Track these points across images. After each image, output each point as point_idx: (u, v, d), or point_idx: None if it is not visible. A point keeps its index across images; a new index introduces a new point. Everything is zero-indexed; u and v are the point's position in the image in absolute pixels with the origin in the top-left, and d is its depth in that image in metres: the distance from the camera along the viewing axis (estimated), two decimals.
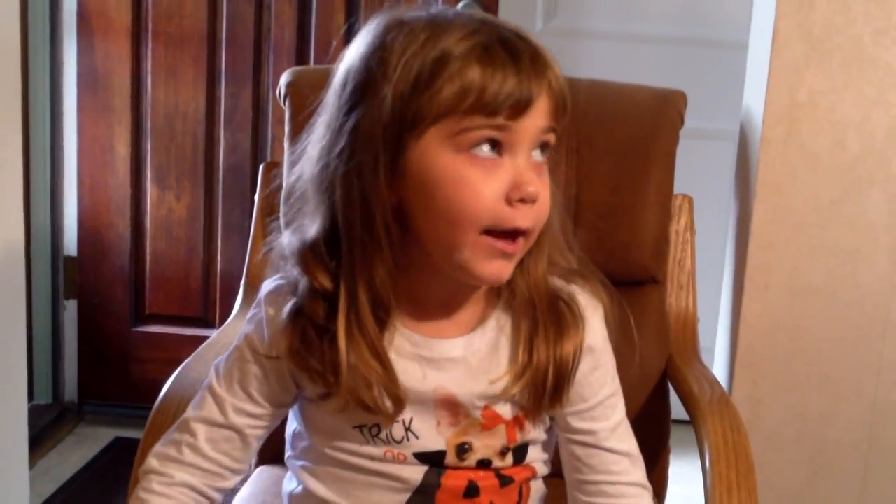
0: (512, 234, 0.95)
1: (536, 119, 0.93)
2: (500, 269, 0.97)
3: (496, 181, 0.93)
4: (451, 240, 0.95)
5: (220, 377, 1.06)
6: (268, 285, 1.06)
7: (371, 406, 0.99)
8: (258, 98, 2.41)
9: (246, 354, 1.05)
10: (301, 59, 2.38)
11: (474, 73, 0.90)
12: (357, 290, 0.97)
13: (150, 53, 2.41)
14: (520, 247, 0.97)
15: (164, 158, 2.44)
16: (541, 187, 0.95)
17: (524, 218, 0.94)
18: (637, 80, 1.64)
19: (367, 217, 0.95)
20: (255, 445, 1.08)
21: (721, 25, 2.53)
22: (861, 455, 1.72)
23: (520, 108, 0.92)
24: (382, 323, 1.00)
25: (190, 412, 1.07)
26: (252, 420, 1.06)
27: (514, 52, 0.92)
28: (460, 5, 2.28)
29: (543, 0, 2.60)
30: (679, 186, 1.58)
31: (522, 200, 0.93)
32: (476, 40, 0.92)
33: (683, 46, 2.59)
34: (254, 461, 1.43)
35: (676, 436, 1.54)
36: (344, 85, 0.97)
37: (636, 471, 1.10)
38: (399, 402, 1.01)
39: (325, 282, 0.98)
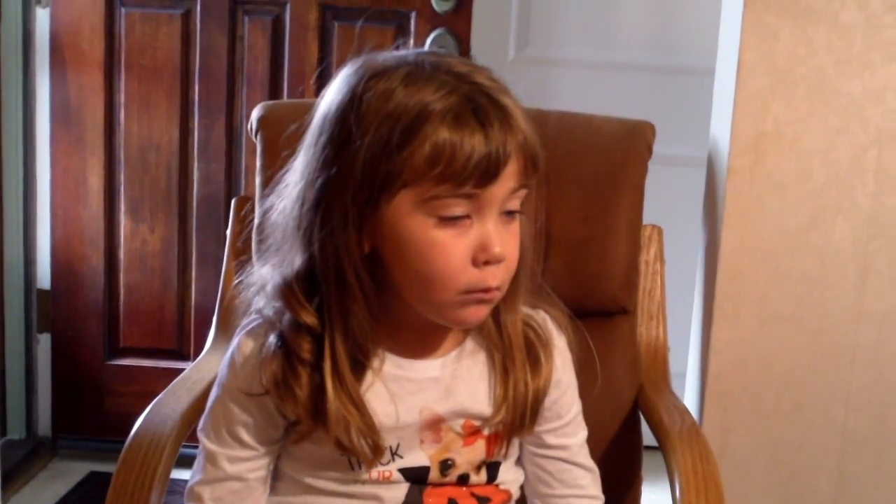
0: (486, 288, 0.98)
1: (506, 183, 0.95)
2: (477, 314, 1.00)
3: (463, 246, 0.95)
4: (428, 295, 0.98)
5: (208, 434, 1.08)
6: (242, 329, 1.07)
7: (349, 448, 1.01)
8: (231, 129, 2.41)
9: (227, 402, 1.06)
10: (274, 90, 2.39)
11: (444, 143, 0.92)
12: (335, 338, 1.00)
13: (123, 86, 2.41)
14: (495, 295, 0.99)
15: (138, 190, 2.44)
16: (509, 245, 0.98)
17: (493, 278, 0.97)
18: (608, 106, 1.66)
19: (340, 270, 0.97)
20: (261, 487, 1.09)
21: (691, 53, 2.56)
22: (832, 482, 1.73)
23: (488, 177, 0.93)
24: (362, 366, 1.02)
25: (191, 480, 1.09)
26: (248, 464, 1.07)
27: (484, 118, 0.93)
28: (432, 36, 2.30)
29: (516, 29, 2.62)
30: (650, 212, 1.60)
31: (488, 262, 0.96)
32: (448, 104, 0.93)
33: (654, 74, 2.62)
34: None
35: (651, 463, 1.55)
36: (320, 133, 0.99)
37: (596, 485, 1.18)
38: (378, 450, 1.03)
39: (308, 318, 1.00)
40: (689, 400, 1.80)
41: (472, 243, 0.95)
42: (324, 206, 0.97)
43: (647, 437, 1.50)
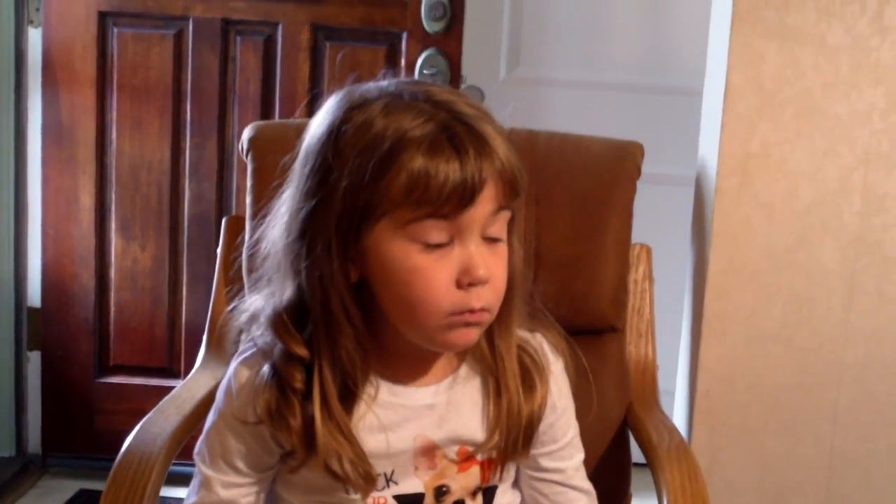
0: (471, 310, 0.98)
1: (484, 206, 0.96)
2: (465, 337, 1.00)
3: (446, 269, 0.96)
4: (415, 320, 0.99)
5: (204, 459, 1.08)
6: (238, 356, 1.08)
7: (342, 477, 1.02)
8: (223, 149, 2.42)
9: (223, 429, 1.07)
10: (266, 110, 2.40)
11: (419, 171, 0.93)
12: (324, 369, 1.00)
13: (115, 105, 2.42)
14: (482, 317, 1.00)
15: (129, 209, 2.45)
16: (493, 267, 0.98)
17: (478, 299, 0.97)
18: (599, 126, 1.67)
19: (326, 300, 0.98)
20: None
21: (680, 73, 2.58)
22: (819, 500, 1.74)
23: (464, 201, 0.94)
24: (354, 395, 1.02)
25: (186, 502, 1.09)
26: (242, 489, 1.08)
27: (459, 145, 0.94)
28: (423, 56, 2.32)
29: (507, 50, 2.64)
30: (639, 230, 1.61)
31: (472, 284, 0.96)
32: (424, 132, 0.94)
33: (643, 94, 2.63)
34: None
35: (640, 480, 1.55)
36: (304, 164, 1.00)
37: None
38: (370, 479, 1.04)
39: (299, 349, 1.01)
40: (678, 418, 1.80)
41: (455, 266, 0.96)
42: (308, 236, 0.98)
43: (636, 455, 1.51)
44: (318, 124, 1.01)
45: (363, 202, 0.95)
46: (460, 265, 0.96)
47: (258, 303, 1.05)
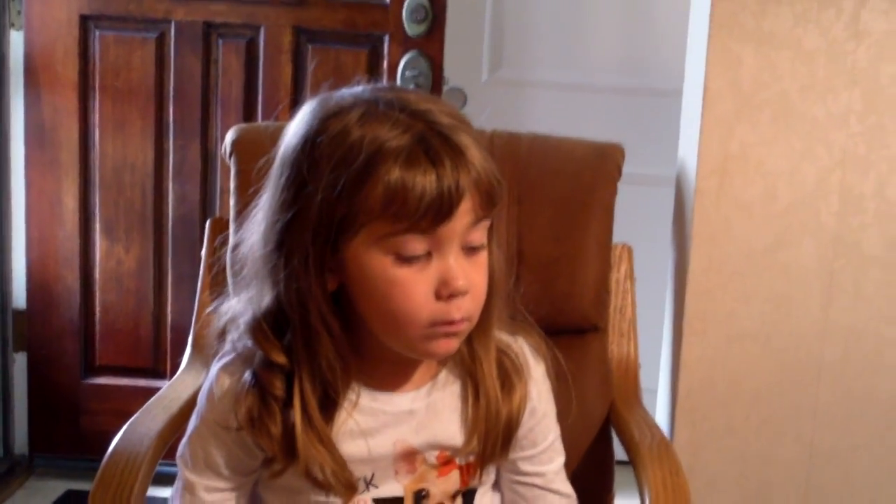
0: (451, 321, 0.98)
1: (461, 219, 0.96)
2: (446, 346, 1.01)
3: (425, 281, 0.96)
4: (395, 331, 0.99)
5: (186, 463, 1.09)
6: (219, 360, 1.08)
7: (323, 484, 1.03)
8: (206, 150, 2.43)
9: (205, 433, 1.07)
10: (248, 112, 2.40)
11: (396, 183, 0.92)
12: (303, 377, 1.01)
13: (97, 107, 2.42)
14: (463, 327, 1.00)
15: (113, 211, 2.45)
16: (473, 276, 0.98)
17: (458, 310, 0.98)
18: (580, 126, 1.69)
19: (303, 310, 0.98)
20: None
21: (660, 75, 2.60)
22: (800, 496, 1.76)
23: (442, 215, 0.94)
24: (334, 402, 1.03)
25: None
26: (225, 493, 1.09)
27: (435, 157, 0.93)
28: (405, 59, 2.33)
29: (489, 52, 2.66)
30: (621, 230, 1.63)
31: (452, 295, 0.97)
32: (401, 144, 0.93)
33: (624, 95, 2.66)
34: None
35: (623, 477, 1.57)
36: (281, 173, 1.00)
37: None
38: (350, 486, 1.04)
39: (278, 357, 1.01)
40: (661, 416, 1.82)
41: (434, 278, 0.96)
42: (285, 248, 0.97)
43: (620, 452, 1.53)
44: (293, 133, 1.00)
45: (340, 215, 0.94)
46: (439, 277, 0.96)
47: (238, 306, 1.05)
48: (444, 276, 0.96)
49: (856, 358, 1.73)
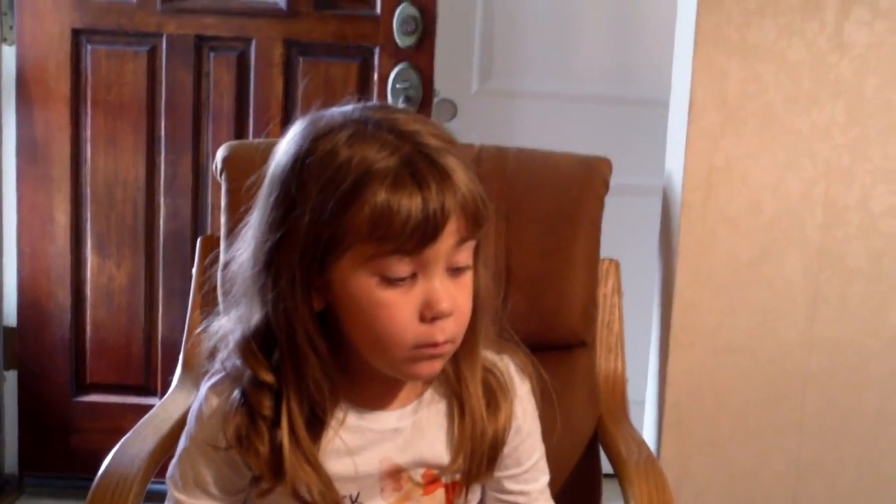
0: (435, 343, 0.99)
1: (447, 241, 0.96)
2: (430, 368, 1.02)
3: (410, 304, 0.97)
4: (380, 351, 1.00)
5: (176, 484, 1.09)
6: (208, 380, 1.09)
7: (310, 503, 1.03)
8: (198, 165, 2.43)
9: (194, 453, 1.08)
10: (240, 125, 2.41)
11: (382, 206, 0.93)
12: (290, 397, 1.01)
13: (89, 122, 2.42)
14: (447, 349, 1.01)
15: (105, 226, 2.45)
16: (458, 298, 0.99)
17: (441, 332, 0.98)
18: (569, 136, 1.70)
19: (291, 331, 0.99)
20: None
21: (647, 85, 2.61)
22: None
23: (427, 237, 0.94)
24: (321, 421, 1.03)
25: None
26: None
27: (421, 180, 0.94)
28: (396, 70, 2.34)
29: (478, 63, 2.66)
30: (610, 240, 1.64)
31: (436, 318, 0.97)
32: (388, 166, 0.94)
33: (612, 105, 2.67)
34: None
35: (611, 490, 1.57)
36: (270, 192, 1.00)
37: None
38: None
39: (266, 376, 1.02)
40: (648, 429, 1.83)
41: (418, 300, 0.97)
42: (273, 269, 0.98)
43: (607, 466, 1.53)
44: (283, 152, 1.01)
45: (327, 236, 0.95)
46: (423, 299, 0.97)
47: (228, 325, 1.06)
48: (429, 298, 0.97)
49: (841, 370, 1.73)
